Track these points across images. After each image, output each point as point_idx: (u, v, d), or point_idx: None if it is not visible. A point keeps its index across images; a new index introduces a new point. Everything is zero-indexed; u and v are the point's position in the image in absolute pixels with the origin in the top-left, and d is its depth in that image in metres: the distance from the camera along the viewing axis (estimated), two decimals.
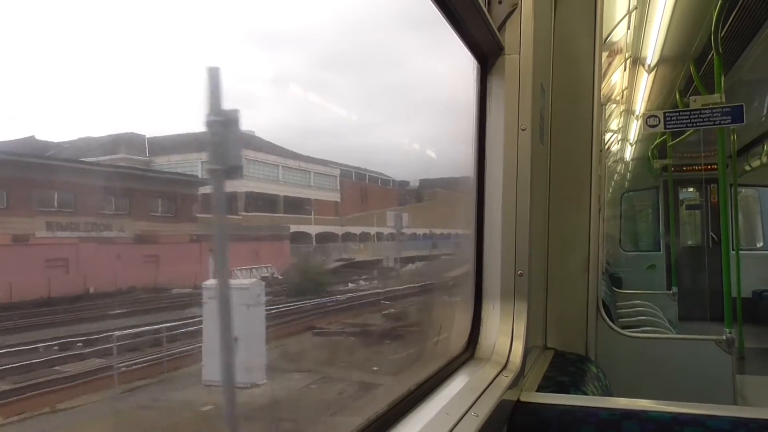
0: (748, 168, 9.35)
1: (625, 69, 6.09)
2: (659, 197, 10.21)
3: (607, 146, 8.61)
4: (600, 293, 3.47)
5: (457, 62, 2.03)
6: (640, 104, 7.32)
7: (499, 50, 1.97)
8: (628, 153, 10.59)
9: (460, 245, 2.12)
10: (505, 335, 1.93)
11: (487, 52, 1.98)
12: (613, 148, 9.78)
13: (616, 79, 6.28)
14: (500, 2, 1.96)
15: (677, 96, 6.73)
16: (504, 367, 1.86)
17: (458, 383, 1.71)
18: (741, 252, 8.12)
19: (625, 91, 6.95)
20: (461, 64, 2.04)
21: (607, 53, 5.09)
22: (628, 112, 8.18)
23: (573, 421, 1.77)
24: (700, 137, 7.28)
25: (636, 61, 5.99)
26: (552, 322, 2.73)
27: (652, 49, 5.50)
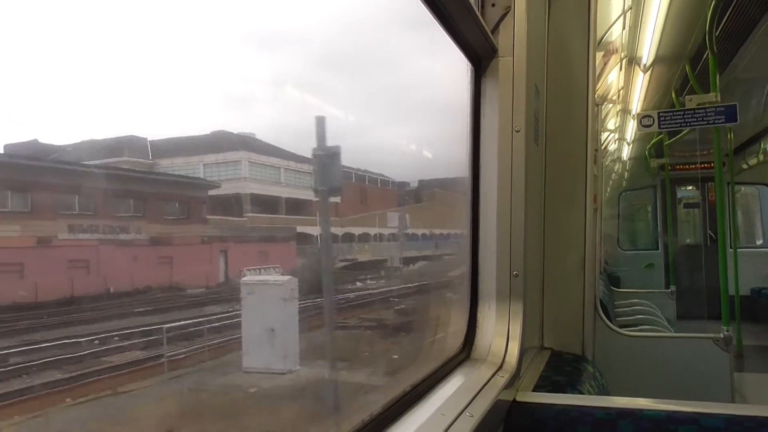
0: (746, 166, 9.36)
1: (621, 69, 6.10)
2: (657, 196, 10.22)
3: (605, 146, 8.62)
4: (598, 293, 3.48)
5: (454, 63, 2.04)
6: (637, 104, 7.33)
7: (493, 52, 1.97)
8: (626, 152, 10.60)
9: (462, 245, 2.14)
10: (501, 336, 1.93)
11: (481, 55, 1.99)
12: (611, 148, 9.79)
13: (612, 79, 6.29)
14: (493, 5, 1.96)
15: (673, 95, 6.74)
16: (500, 368, 1.87)
17: (453, 384, 1.71)
18: (740, 250, 8.14)
19: (622, 91, 6.96)
20: (458, 65, 2.05)
21: (603, 53, 5.10)
22: (625, 112, 8.19)
23: (569, 421, 1.78)
24: (697, 136, 7.29)
25: (632, 61, 6.00)
26: (548, 322, 2.74)
27: (648, 49, 5.52)
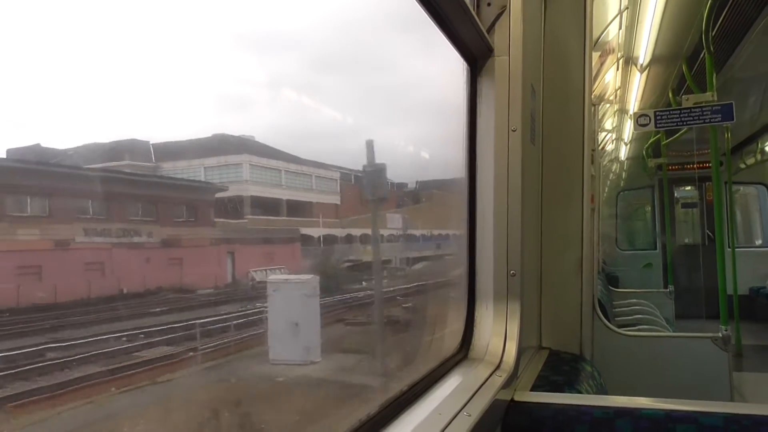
0: (743, 166, 9.37)
1: (618, 69, 6.11)
2: (655, 196, 10.23)
3: (602, 146, 8.63)
4: (596, 292, 3.48)
5: (451, 63, 2.03)
6: (634, 103, 7.34)
7: (489, 52, 1.97)
8: (623, 152, 10.62)
9: (462, 246, 2.14)
10: (499, 335, 1.93)
11: (477, 54, 1.99)
12: (608, 148, 9.80)
13: (609, 79, 6.30)
14: (489, 4, 1.96)
15: (670, 95, 6.75)
16: (497, 367, 1.87)
17: (451, 384, 1.71)
18: (738, 249, 8.14)
19: (618, 91, 6.98)
20: (454, 65, 2.05)
21: (600, 53, 5.11)
22: (622, 112, 8.21)
23: (567, 420, 1.78)
24: (694, 136, 7.30)
25: (628, 61, 6.01)
26: (546, 322, 2.74)
27: (644, 49, 5.53)
